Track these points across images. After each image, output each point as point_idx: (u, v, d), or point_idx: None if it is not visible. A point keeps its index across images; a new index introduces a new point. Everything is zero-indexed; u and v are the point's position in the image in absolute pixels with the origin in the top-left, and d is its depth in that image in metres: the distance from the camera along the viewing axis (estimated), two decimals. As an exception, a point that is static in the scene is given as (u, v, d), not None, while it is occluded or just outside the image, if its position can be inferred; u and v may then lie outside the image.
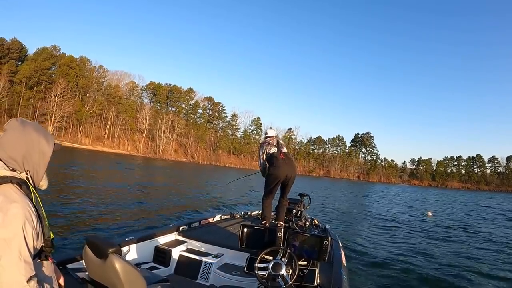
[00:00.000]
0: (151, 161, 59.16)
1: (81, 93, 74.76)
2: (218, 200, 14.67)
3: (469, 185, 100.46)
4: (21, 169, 1.37)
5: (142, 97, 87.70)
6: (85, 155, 42.83)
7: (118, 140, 77.46)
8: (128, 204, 11.08)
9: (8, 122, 1.40)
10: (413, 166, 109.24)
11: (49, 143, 1.44)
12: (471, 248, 9.61)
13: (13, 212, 1.23)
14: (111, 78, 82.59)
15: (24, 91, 68.58)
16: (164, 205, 11.93)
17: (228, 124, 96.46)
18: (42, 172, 1.45)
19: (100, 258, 2.01)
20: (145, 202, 12.02)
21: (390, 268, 6.76)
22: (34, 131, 1.40)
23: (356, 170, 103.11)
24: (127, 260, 2.07)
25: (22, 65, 70.82)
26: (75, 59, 75.96)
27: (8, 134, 1.36)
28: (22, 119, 1.42)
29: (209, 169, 54.72)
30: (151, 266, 3.63)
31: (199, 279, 3.55)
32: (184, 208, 11.63)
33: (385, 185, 74.68)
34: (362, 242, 9.02)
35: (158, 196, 14.32)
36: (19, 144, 1.36)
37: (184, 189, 18.58)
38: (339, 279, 2.90)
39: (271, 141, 5.18)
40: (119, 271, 1.93)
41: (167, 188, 18.89)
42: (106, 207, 9.93)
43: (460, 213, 20.76)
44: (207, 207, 12.40)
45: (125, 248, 3.45)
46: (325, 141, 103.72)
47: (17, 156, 1.36)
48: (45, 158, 1.44)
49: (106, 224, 7.90)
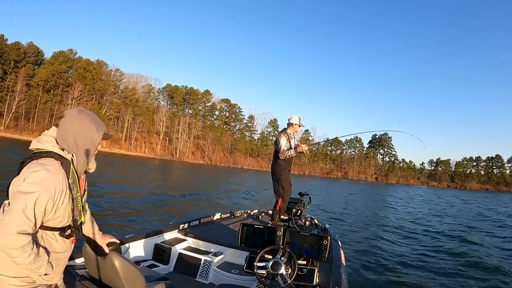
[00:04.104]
0: (169, 163, 58.42)
1: (97, 96, 74.49)
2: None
3: (488, 186, 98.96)
4: (69, 150, 1.53)
5: (158, 99, 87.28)
6: (103, 158, 41.94)
7: (135, 143, 76.64)
8: (134, 203, 11.10)
9: (68, 110, 1.61)
10: (431, 167, 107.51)
11: (99, 132, 1.61)
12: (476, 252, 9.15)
13: (40, 176, 1.39)
14: (128, 81, 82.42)
15: (41, 95, 68.40)
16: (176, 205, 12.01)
17: (245, 126, 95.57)
18: (91, 156, 1.62)
19: (99, 255, 2.01)
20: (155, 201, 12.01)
21: (390, 268, 6.76)
22: (88, 119, 1.58)
23: (374, 172, 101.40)
24: (126, 258, 2.07)
25: (39, 69, 70.87)
26: (92, 62, 75.90)
27: (65, 119, 1.56)
28: (80, 108, 1.63)
29: (227, 171, 53.99)
30: (150, 264, 3.62)
31: (199, 277, 3.54)
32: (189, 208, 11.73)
33: (403, 187, 73.33)
34: (362, 242, 9.01)
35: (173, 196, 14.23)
36: (72, 128, 1.54)
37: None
38: (338, 278, 2.91)
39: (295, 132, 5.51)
40: (119, 268, 1.93)
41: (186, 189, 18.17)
42: (107, 205, 9.90)
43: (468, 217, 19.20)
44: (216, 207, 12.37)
45: (125, 245, 3.40)
46: (343, 143, 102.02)
47: (68, 138, 1.52)
48: (94, 144, 1.61)
49: (106, 222, 7.80)
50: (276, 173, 5.29)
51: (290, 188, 5.31)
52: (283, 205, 5.24)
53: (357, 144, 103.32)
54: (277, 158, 5.27)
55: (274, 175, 5.35)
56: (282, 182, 5.23)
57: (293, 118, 5.36)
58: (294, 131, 5.42)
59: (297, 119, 5.35)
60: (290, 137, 5.31)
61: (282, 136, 5.24)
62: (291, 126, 5.37)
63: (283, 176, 5.24)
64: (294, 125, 5.35)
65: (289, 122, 5.38)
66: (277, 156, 5.25)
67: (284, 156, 5.12)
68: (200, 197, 15.21)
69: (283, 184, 5.23)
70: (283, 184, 5.23)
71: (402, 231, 11.69)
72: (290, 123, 5.36)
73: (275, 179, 5.33)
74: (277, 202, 5.24)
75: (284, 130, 5.39)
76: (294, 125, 5.35)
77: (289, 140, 5.25)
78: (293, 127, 5.37)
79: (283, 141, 5.18)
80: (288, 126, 5.39)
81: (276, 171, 5.30)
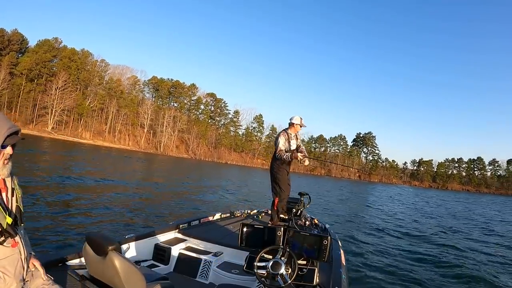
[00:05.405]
0: (152, 156, 58.75)
1: (82, 87, 73.96)
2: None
3: (469, 187, 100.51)
4: None
5: (144, 92, 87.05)
6: (85, 150, 42.33)
7: (119, 135, 76.75)
8: (130, 202, 10.95)
9: None
10: (414, 167, 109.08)
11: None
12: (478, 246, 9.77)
13: None
14: (113, 72, 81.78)
15: (25, 84, 67.48)
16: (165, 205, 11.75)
17: (230, 121, 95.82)
18: None
19: (99, 255, 2.01)
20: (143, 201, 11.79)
21: (390, 268, 6.78)
22: None
23: (357, 170, 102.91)
24: (126, 258, 2.06)
25: (23, 57, 69.70)
26: (77, 52, 74.99)
27: None
28: None
29: (212, 167, 54.36)
30: (150, 264, 3.64)
31: (199, 277, 3.55)
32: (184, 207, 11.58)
33: (385, 186, 74.55)
34: (362, 242, 9.04)
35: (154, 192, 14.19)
36: None
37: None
38: (338, 278, 2.91)
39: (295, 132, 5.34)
40: (119, 268, 1.92)
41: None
42: (107, 204, 9.81)
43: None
44: (208, 205, 12.35)
45: (125, 245, 3.43)
46: (327, 140, 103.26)
47: None
48: None
49: (106, 221, 7.87)
50: (274, 172, 5.30)
51: (288, 188, 5.30)
52: (280, 204, 5.22)
53: (341, 142, 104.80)
54: (275, 158, 5.26)
55: (272, 174, 5.36)
56: (279, 181, 5.23)
57: (294, 118, 5.27)
58: (295, 131, 5.36)
59: (299, 119, 5.27)
60: (290, 137, 5.27)
61: (281, 136, 5.21)
62: (292, 126, 5.30)
63: (280, 176, 5.23)
64: (296, 125, 5.28)
65: (290, 122, 5.30)
66: (275, 155, 5.25)
67: (280, 155, 5.08)
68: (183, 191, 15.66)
69: (280, 183, 5.23)
70: (280, 183, 5.23)
71: (400, 231, 11.86)
72: (291, 123, 5.29)
73: (272, 178, 5.34)
74: (274, 201, 5.27)
75: (284, 130, 5.34)
76: (296, 125, 5.29)
77: (288, 140, 5.22)
78: (294, 127, 5.31)
79: (281, 140, 5.14)
80: (289, 126, 5.33)
81: (274, 170, 5.30)
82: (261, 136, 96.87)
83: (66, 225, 6.89)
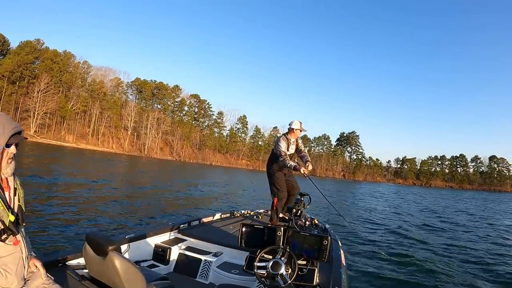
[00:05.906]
0: (136, 159, 59.04)
1: (64, 89, 73.50)
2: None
3: (452, 184, 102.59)
4: None
5: (127, 93, 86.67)
6: (69, 153, 42.55)
7: (102, 138, 76.76)
8: (127, 202, 11.17)
9: None
10: (397, 165, 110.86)
11: (4, 134, 1.55)
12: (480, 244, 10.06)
13: None
14: (96, 74, 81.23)
15: (6, 86, 66.72)
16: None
17: (214, 122, 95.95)
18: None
19: (99, 255, 2.04)
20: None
21: (390, 268, 6.80)
22: None
23: (342, 169, 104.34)
24: (126, 258, 2.08)
25: (4, 59, 68.85)
26: (59, 53, 74.38)
27: None
28: None
29: (196, 168, 54.74)
30: (150, 264, 3.68)
31: (199, 278, 3.58)
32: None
33: (370, 184, 75.75)
34: (362, 243, 9.02)
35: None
36: None
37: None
38: (338, 278, 2.91)
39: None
40: (119, 268, 1.94)
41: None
42: (107, 204, 10.03)
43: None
44: (207, 205, 12.49)
45: (125, 245, 3.45)
46: (311, 140, 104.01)
47: None
48: None
49: (105, 221, 7.91)
50: (270, 173, 5.36)
51: (285, 187, 5.31)
52: (279, 204, 5.26)
53: (325, 141, 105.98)
54: (272, 160, 5.31)
55: (268, 176, 5.43)
56: (275, 182, 5.30)
57: (293, 123, 5.21)
58: (295, 137, 5.30)
59: (298, 124, 5.21)
60: (290, 143, 5.23)
61: (282, 140, 5.15)
62: (291, 131, 5.23)
63: (276, 177, 5.29)
64: (295, 130, 5.21)
65: (290, 127, 5.24)
66: (272, 157, 5.32)
67: (284, 161, 5.01)
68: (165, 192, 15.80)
69: (276, 184, 5.29)
70: (277, 184, 5.29)
71: (400, 230, 11.89)
72: (291, 129, 5.21)
73: (270, 180, 5.41)
74: (273, 201, 5.32)
75: (284, 135, 5.29)
76: (295, 131, 5.22)
77: (288, 146, 5.20)
78: (294, 133, 5.24)
79: (282, 144, 5.09)
80: (289, 132, 5.27)
81: (270, 171, 5.37)
82: (245, 137, 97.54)
83: (65, 227, 6.99)
